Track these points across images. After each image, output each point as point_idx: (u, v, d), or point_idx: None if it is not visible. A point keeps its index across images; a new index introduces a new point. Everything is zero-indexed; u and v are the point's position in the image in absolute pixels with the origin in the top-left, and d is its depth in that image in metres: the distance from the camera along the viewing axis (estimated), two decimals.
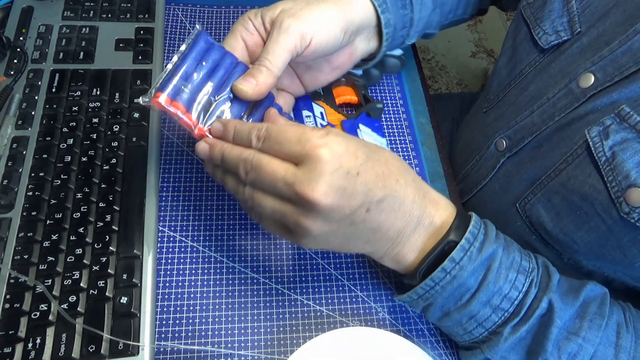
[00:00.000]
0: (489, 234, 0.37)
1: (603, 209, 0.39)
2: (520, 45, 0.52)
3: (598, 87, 0.41)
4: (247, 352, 0.41)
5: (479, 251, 0.36)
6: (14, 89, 0.50)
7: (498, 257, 0.37)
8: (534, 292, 0.37)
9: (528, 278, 0.37)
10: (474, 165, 0.56)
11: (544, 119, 0.46)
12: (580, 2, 0.45)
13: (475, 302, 0.37)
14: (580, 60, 0.44)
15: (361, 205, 0.33)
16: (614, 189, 0.38)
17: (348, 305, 0.45)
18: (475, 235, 0.36)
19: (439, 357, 0.43)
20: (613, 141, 0.38)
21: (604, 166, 0.38)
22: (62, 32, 0.55)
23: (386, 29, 0.45)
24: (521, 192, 0.48)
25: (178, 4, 0.62)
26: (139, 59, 0.54)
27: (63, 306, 0.39)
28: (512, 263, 0.37)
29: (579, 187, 0.41)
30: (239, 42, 0.41)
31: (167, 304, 0.43)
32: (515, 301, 0.37)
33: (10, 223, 0.42)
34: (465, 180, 0.58)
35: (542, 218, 0.45)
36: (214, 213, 0.48)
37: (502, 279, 0.36)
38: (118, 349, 0.38)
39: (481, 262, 0.36)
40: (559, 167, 0.43)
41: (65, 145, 0.47)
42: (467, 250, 0.36)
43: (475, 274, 0.36)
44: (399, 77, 0.61)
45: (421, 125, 0.58)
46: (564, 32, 0.46)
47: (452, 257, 0.36)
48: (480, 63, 1.78)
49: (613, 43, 0.41)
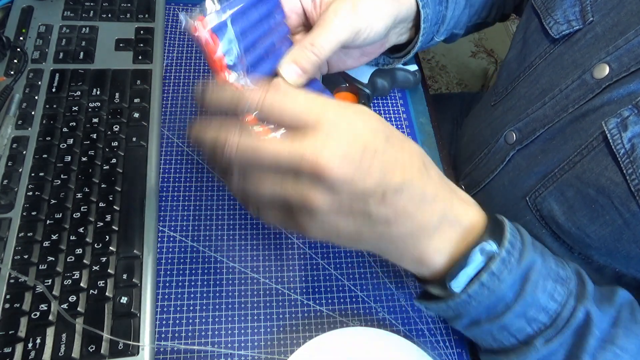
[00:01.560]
0: (525, 242, 0.34)
1: (621, 202, 0.38)
2: (531, 37, 0.51)
3: (613, 78, 0.40)
4: (247, 352, 0.41)
5: (518, 262, 0.33)
6: (14, 89, 0.50)
7: (537, 267, 0.34)
8: (572, 304, 0.35)
9: (566, 288, 0.35)
10: (482, 159, 0.54)
11: (556, 110, 0.45)
12: None
13: (510, 314, 0.34)
14: (594, 50, 0.43)
15: (377, 186, 0.29)
16: (634, 182, 0.37)
17: (348, 305, 0.45)
18: (514, 245, 0.33)
19: (439, 357, 0.43)
20: (632, 133, 0.37)
21: (622, 158, 0.37)
22: (62, 32, 0.55)
23: (424, 23, 0.45)
24: (532, 186, 0.47)
25: (178, 4, 0.62)
26: (139, 59, 0.54)
27: (63, 306, 0.39)
28: (549, 272, 0.35)
29: (595, 180, 0.40)
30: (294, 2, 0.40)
31: (167, 304, 0.43)
32: (552, 313, 0.35)
33: (10, 223, 0.42)
34: (472, 175, 0.56)
35: (554, 212, 0.44)
36: (214, 213, 0.48)
37: (540, 290, 0.34)
38: (118, 349, 0.38)
39: (520, 274, 0.33)
40: (573, 159, 0.42)
41: (65, 145, 0.47)
42: (508, 261, 0.33)
43: (514, 287, 0.34)
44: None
45: (421, 125, 0.58)
46: (575, 22, 0.45)
47: (491, 271, 0.32)
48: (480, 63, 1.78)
49: (629, 32, 0.40)
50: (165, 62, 0.57)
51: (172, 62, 0.57)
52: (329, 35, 0.37)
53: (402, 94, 0.60)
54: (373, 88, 0.55)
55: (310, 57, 0.36)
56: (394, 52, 0.50)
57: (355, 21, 0.37)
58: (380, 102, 0.59)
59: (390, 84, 0.57)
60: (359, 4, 0.38)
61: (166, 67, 0.56)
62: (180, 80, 0.56)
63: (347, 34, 0.37)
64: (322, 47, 0.36)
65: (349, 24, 0.37)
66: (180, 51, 0.58)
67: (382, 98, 0.59)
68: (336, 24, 0.37)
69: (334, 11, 0.37)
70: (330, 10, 0.38)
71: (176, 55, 0.58)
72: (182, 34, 0.60)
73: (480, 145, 0.56)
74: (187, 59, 0.58)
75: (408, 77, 0.57)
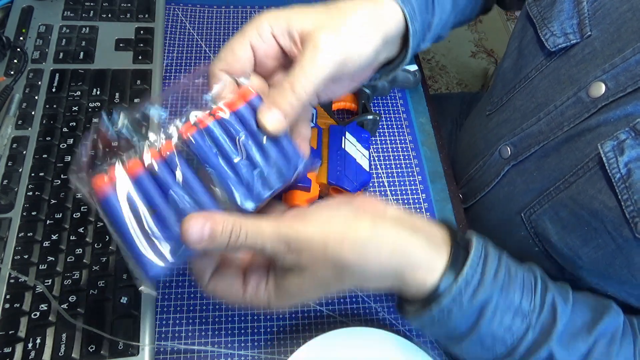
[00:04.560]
0: (486, 273, 0.33)
1: (614, 227, 0.38)
2: (527, 47, 0.50)
3: (609, 98, 0.40)
4: (247, 352, 0.41)
5: (472, 298, 0.33)
6: (14, 89, 0.50)
7: (493, 302, 0.33)
8: (531, 337, 0.34)
9: (525, 322, 0.34)
10: (478, 170, 0.54)
11: (551, 127, 0.44)
12: (592, 4, 0.43)
13: (467, 342, 0.35)
14: (590, 67, 0.42)
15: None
16: (628, 208, 0.36)
17: (348, 305, 0.45)
18: (469, 281, 0.33)
19: (439, 357, 0.43)
20: (629, 157, 0.36)
21: (618, 183, 0.37)
22: (62, 32, 0.55)
23: (413, 38, 0.41)
24: (527, 202, 0.46)
25: (178, 4, 0.62)
26: (139, 59, 0.54)
27: (63, 306, 0.39)
28: (509, 305, 0.34)
29: (589, 203, 0.39)
30: (246, 50, 0.34)
31: (167, 304, 0.43)
32: (509, 345, 0.34)
33: (10, 223, 0.42)
34: (468, 185, 0.57)
35: (548, 230, 0.44)
36: None
37: (496, 324, 0.34)
38: (118, 349, 0.38)
39: (473, 310, 0.33)
40: (569, 179, 0.42)
41: (65, 145, 0.47)
42: (458, 298, 0.33)
43: (468, 320, 0.34)
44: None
45: (421, 125, 0.58)
46: (573, 35, 0.44)
47: (441, 305, 0.33)
48: (480, 63, 1.78)
49: (626, 51, 0.39)
50: (165, 62, 0.57)
51: (172, 62, 0.57)
52: (312, 69, 0.33)
53: (402, 94, 0.60)
54: (373, 88, 0.55)
55: (291, 101, 0.32)
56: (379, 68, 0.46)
57: (341, 50, 0.34)
58: (380, 102, 0.59)
59: (390, 84, 0.57)
60: (343, 32, 0.34)
61: (166, 67, 0.56)
62: (180, 80, 0.56)
63: (330, 69, 0.33)
64: (305, 82, 0.33)
65: (332, 58, 0.33)
66: (180, 51, 0.58)
67: (382, 98, 0.59)
68: (316, 54, 0.33)
69: (311, 41, 0.33)
70: (310, 46, 0.33)
71: (176, 55, 0.58)
72: (182, 33, 0.60)
73: (476, 156, 0.55)
74: (187, 59, 0.58)
75: (408, 77, 0.57)
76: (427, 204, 0.51)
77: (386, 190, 0.52)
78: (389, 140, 0.55)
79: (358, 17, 0.35)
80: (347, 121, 0.51)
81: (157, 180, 0.31)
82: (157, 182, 0.31)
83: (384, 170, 0.53)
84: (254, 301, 0.33)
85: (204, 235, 0.29)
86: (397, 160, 0.54)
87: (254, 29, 0.34)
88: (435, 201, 0.52)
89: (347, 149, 0.48)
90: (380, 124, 0.56)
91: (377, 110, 0.58)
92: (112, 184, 0.30)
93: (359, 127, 0.51)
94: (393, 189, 0.52)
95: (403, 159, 0.54)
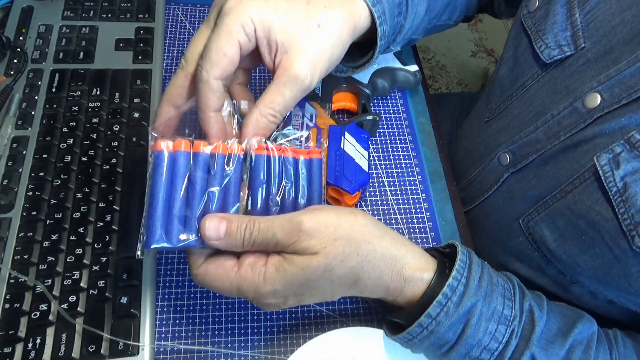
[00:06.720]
0: (470, 284, 0.35)
1: (611, 237, 0.38)
2: (522, 56, 0.50)
3: (605, 109, 0.40)
4: (247, 352, 0.41)
5: (457, 306, 0.35)
6: (14, 89, 0.50)
7: (477, 309, 0.35)
8: (515, 343, 0.36)
9: (509, 328, 0.36)
10: (477, 176, 0.55)
11: (548, 136, 0.45)
12: (585, 16, 0.43)
13: (455, 353, 0.36)
14: (586, 77, 0.43)
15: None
16: (625, 221, 0.37)
17: (348, 305, 0.45)
18: (455, 288, 0.35)
19: None
20: (624, 171, 0.37)
21: (614, 197, 0.37)
22: (62, 32, 0.55)
23: (381, 41, 0.42)
24: (525, 209, 0.47)
25: (178, 4, 0.62)
26: (139, 58, 0.54)
27: (63, 306, 0.39)
28: (492, 313, 0.36)
29: (586, 213, 0.40)
30: (236, 51, 0.34)
31: (167, 304, 0.43)
32: (495, 352, 0.36)
33: (10, 223, 0.42)
34: (467, 190, 0.57)
35: (546, 237, 0.44)
36: None
37: (482, 332, 0.35)
38: (118, 349, 0.38)
39: (459, 317, 0.35)
40: (565, 188, 0.42)
41: (65, 145, 0.47)
42: (444, 305, 0.34)
43: (453, 329, 0.35)
44: None
45: (421, 125, 0.58)
46: (567, 47, 0.44)
47: (428, 313, 0.34)
48: (480, 63, 1.78)
49: (621, 63, 0.39)
50: (165, 62, 0.57)
51: (172, 62, 0.57)
52: (285, 101, 0.35)
53: (402, 94, 0.60)
54: (373, 88, 0.55)
55: (269, 123, 0.35)
56: (348, 60, 0.46)
57: (312, 75, 0.35)
58: (380, 102, 0.59)
59: (391, 84, 0.56)
60: (319, 53, 0.35)
61: (166, 67, 0.56)
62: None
63: (305, 86, 0.35)
64: (280, 109, 0.35)
65: (307, 84, 0.35)
66: (180, 51, 0.58)
67: (382, 98, 0.59)
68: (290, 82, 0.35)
69: (284, 65, 0.35)
70: (281, 66, 0.35)
71: (176, 55, 0.58)
72: (182, 33, 0.60)
73: (475, 161, 0.56)
74: None
75: (408, 77, 0.57)
76: (427, 204, 0.51)
77: (386, 190, 0.52)
78: (389, 140, 0.55)
79: (333, 24, 0.36)
80: (346, 121, 0.51)
81: (206, 169, 0.34)
82: (205, 169, 0.33)
83: (384, 171, 0.53)
84: (247, 281, 0.33)
85: (221, 233, 0.32)
86: (397, 160, 0.54)
87: (241, 28, 0.33)
88: (435, 201, 0.52)
89: (347, 149, 0.48)
90: (380, 124, 0.56)
91: (376, 110, 0.58)
92: (173, 152, 0.33)
93: (359, 127, 0.51)
94: (393, 189, 0.52)
95: (403, 159, 0.54)
